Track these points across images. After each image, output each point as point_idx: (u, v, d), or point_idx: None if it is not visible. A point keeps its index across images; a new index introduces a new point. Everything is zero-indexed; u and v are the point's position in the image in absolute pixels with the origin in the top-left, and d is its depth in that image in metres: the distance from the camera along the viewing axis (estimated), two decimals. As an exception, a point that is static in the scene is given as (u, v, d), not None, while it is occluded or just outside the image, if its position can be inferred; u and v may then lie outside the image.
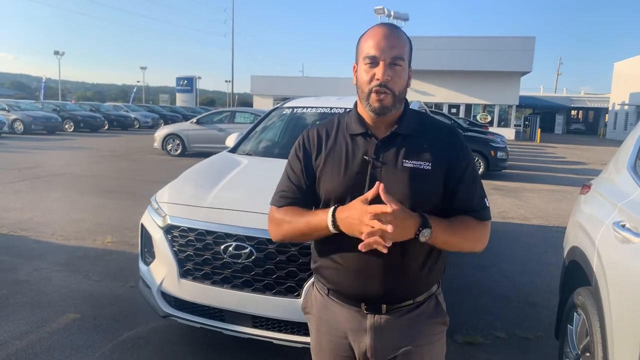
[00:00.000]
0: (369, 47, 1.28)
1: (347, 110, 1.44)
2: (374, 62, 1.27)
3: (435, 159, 1.31)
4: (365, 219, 1.17)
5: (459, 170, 1.34)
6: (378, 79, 1.26)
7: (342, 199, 1.31)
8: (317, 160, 1.38)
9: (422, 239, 1.22)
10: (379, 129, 1.36)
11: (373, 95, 1.28)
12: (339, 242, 1.31)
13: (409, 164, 1.30)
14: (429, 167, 1.30)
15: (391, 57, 1.26)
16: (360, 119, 1.37)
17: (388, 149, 1.32)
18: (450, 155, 1.34)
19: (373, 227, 1.15)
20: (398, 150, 1.32)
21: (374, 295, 1.34)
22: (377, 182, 1.21)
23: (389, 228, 1.13)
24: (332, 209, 1.27)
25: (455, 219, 1.31)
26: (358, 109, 1.39)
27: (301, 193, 1.39)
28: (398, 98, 1.30)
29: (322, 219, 1.28)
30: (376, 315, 1.36)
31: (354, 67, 1.36)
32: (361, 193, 1.27)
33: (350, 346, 1.40)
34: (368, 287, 1.33)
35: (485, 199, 1.38)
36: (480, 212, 1.34)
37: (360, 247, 1.18)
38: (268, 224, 1.43)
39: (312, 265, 1.47)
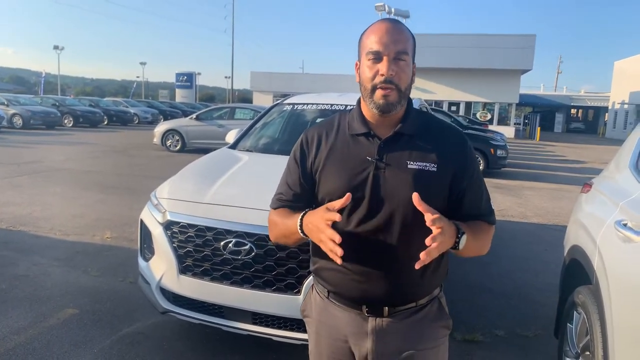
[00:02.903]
0: (372, 43, 1.24)
1: (348, 109, 1.41)
2: (377, 57, 1.23)
3: (441, 160, 1.28)
4: (322, 225, 1.16)
5: (467, 174, 1.31)
6: (382, 74, 1.22)
7: None
8: (316, 163, 1.35)
9: (460, 246, 1.19)
10: (382, 128, 1.31)
11: (378, 92, 1.24)
12: (340, 243, 1.27)
13: (413, 165, 1.26)
14: (435, 169, 1.27)
15: (395, 52, 1.22)
16: (362, 118, 1.33)
17: (392, 150, 1.28)
18: (457, 158, 1.31)
19: (328, 237, 1.14)
20: (402, 150, 1.28)
21: (375, 297, 1.31)
22: (348, 194, 1.18)
23: (336, 253, 1.13)
24: (302, 212, 1.27)
25: (472, 224, 1.30)
26: (361, 108, 1.35)
27: (297, 197, 1.37)
28: (403, 94, 1.26)
29: (294, 222, 1.27)
30: (377, 319, 1.33)
31: (357, 64, 1.32)
32: (363, 196, 1.26)
33: (351, 350, 1.37)
34: (369, 290, 1.30)
35: (491, 202, 1.37)
36: (489, 216, 1.36)
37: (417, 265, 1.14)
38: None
39: (312, 267, 1.43)
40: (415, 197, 1.14)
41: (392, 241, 1.26)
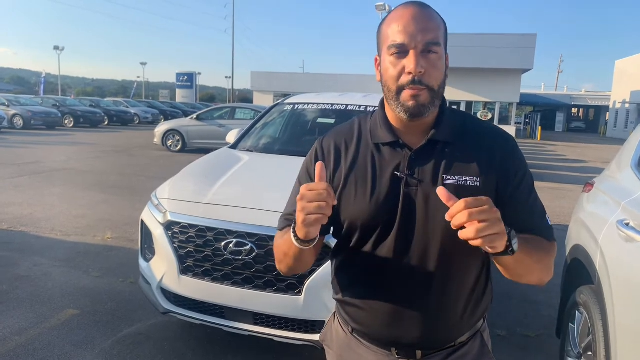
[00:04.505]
0: (395, 33, 1.01)
1: (370, 111, 1.21)
2: (402, 51, 1.01)
3: (483, 171, 1.05)
4: (308, 194, 0.93)
5: (514, 180, 1.07)
6: (410, 73, 1.00)
7: (370, 229, 1.08)
8: (336, 180, 1.12)
9: (515, 246, 0.92)
10: (412, 135, 1.09)
11: (405, 92, 1.02)
12: (365, 277, 1.12)
13: (451, 180, 1.04)
14: (477, 184, 1.04)
15: (424, 44, 1.00)
16: (387, 124, 1.10)
17: (425, 162, 1.06)
18: (501, 163, 1.07)
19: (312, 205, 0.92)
20: (437, 162, 1.05)
21: (408, 340, 1.12)
22: (319, 163, 0.97)
23: (321, 203, 0.90)
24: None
25: (527, 236, 1.02)
26: (385, 111, 1.13)
27: None
28: (436, 94, 1.03)
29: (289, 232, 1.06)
30: None
31: (376, 60, 1.10)
32: (393, 220, 1.06)
33: None
34: (400, 333, 1.11)
35: (547, 217, 1.11)
36: (544, 231, 1.08)
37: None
38: None
39: (334, 296, 1.24)
40: (441, 190, 0.90)
41: (428, 275, 1.07)
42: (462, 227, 0.87)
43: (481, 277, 1.15)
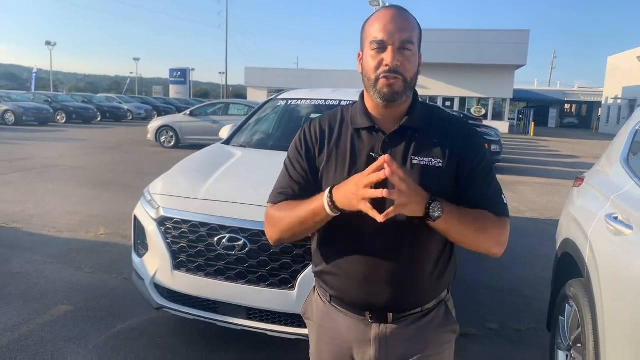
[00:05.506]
0: (376, 31, 1.17)
1: (352, 102, 1.34)
2: (381, 46, 1.16)
3: (446, 154, 1.21)
4: (361, 191, 1.06)
5: (472, 163, 1.23)
6: (387, 65, 1.16)
7: None
8: (320, 157, 1.28)
9: (433, 214, 1.09)
10: (387, 122, 1.24)
11: (382, 81, 1.17)
12: (342, 246, 1.25)
13: (418, 161, 1.20)
14: (441, 164, 1.20)
15: (400, 41, 1.16)
16: (366, 112, 1.26)
17: (396, 145, 1.22)
18: (461, 149, 1.23)
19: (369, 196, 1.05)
20: (407, 145, 1.22)
21: (380, 304, 1.26)
22: (382, 156, 1.06)
23: (384, 193, 1.01)
24: (329, 187, 1.16)
25: (471, 209, 1.19)
26: (364, 101, 1.28)
27: (303, 191, 1.27)
28: (409, 85, 1.19)
29: (320, 199, 1.16)
30: (381, 325, 1.28)
31: (359, 55, 1.26)
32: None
33: (352, 357, 1.33)
34: (373, 296, 1.25)
35: (503, 196, 1.27)
36: (496, 206, 1.23)
37: (380, 218, 1.04)
38: (265, 226, 1.33)
39: (314, 269, 1.38)
40: (387, 157, 1.04)
41: (397, 243, 1.21)
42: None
43: (445, 249, 1.29)
